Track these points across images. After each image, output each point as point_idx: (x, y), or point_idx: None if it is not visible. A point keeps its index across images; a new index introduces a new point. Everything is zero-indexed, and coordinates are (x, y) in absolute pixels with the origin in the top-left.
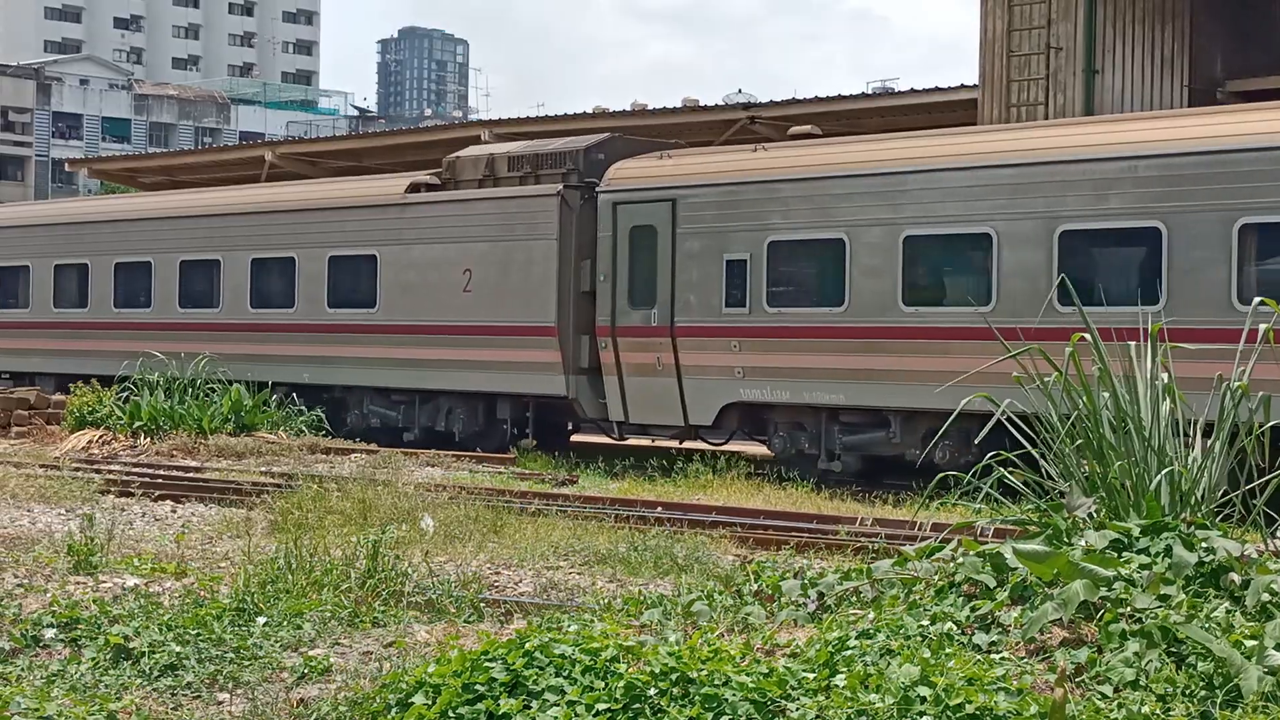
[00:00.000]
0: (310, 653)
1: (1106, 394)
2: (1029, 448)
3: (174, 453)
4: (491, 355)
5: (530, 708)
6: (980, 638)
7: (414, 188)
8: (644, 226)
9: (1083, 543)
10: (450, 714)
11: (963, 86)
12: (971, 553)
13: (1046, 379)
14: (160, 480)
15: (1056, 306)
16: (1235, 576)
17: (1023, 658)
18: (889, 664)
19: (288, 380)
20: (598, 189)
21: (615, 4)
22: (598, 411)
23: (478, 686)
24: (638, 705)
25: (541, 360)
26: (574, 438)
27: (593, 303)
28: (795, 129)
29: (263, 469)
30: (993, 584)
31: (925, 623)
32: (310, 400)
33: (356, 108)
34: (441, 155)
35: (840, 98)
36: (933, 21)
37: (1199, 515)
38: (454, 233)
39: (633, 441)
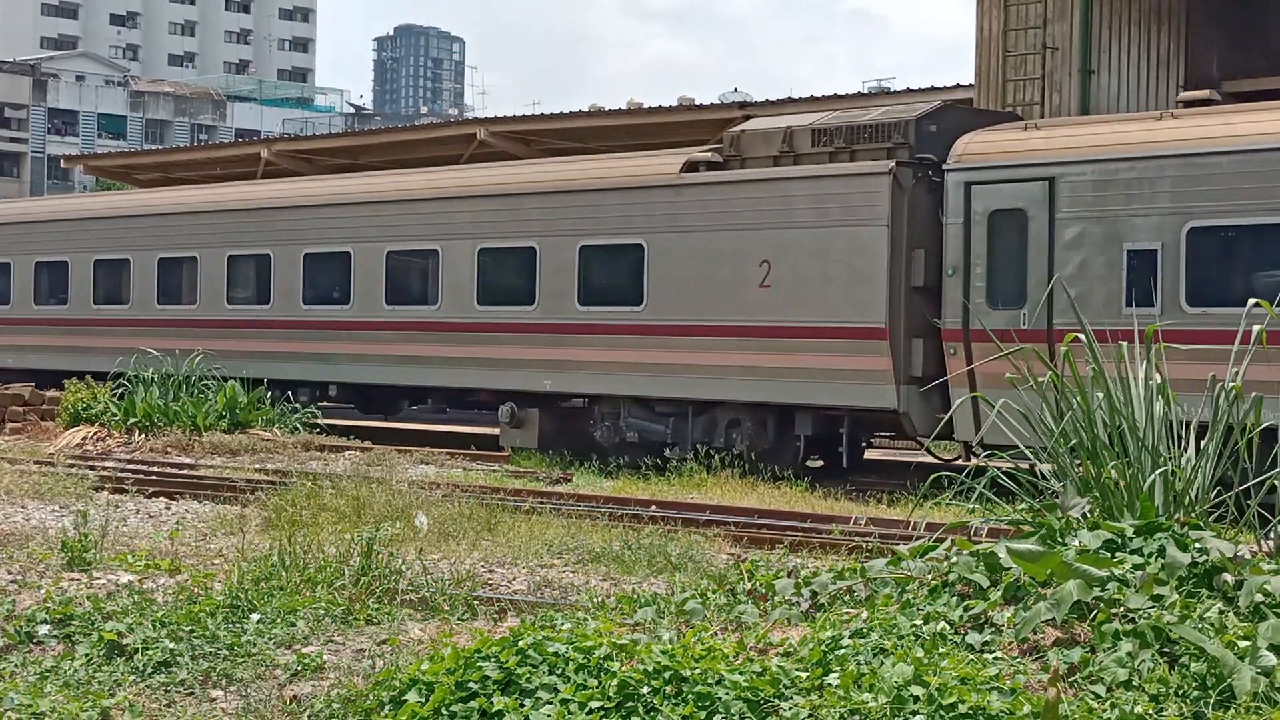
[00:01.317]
0: (304, 650)
1: (1101, 395)
2: None
3: (168, 449)
4: (794, 361)
5: (523, 706)
6: (974, 637)
7: (691, 166)
8: (1008, 211)
9: (1076, 543)
10: (444, 712)
11: (959, 86)
12: (965, 552)
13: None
14: (154, 477)
15: None
16: (1228, 577)
17: (1016, 657)
18: (882, 663)
19: (526, 389)
20: (945, 166)
21: (616, 2)
22: (931, 428)
23: (471, 684)
24: (631, 704)
25: (864, 368)
26: (868, 454)
27: (926, 300)
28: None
29: (257, 466)
30: (986, 584)
31: (919, 622)
32: (549, 410)
33: (352, 105)
34: (438, 153)
35: (836, 97)
36: (931, 22)
37: (1192, 516)
38: (747, 218)
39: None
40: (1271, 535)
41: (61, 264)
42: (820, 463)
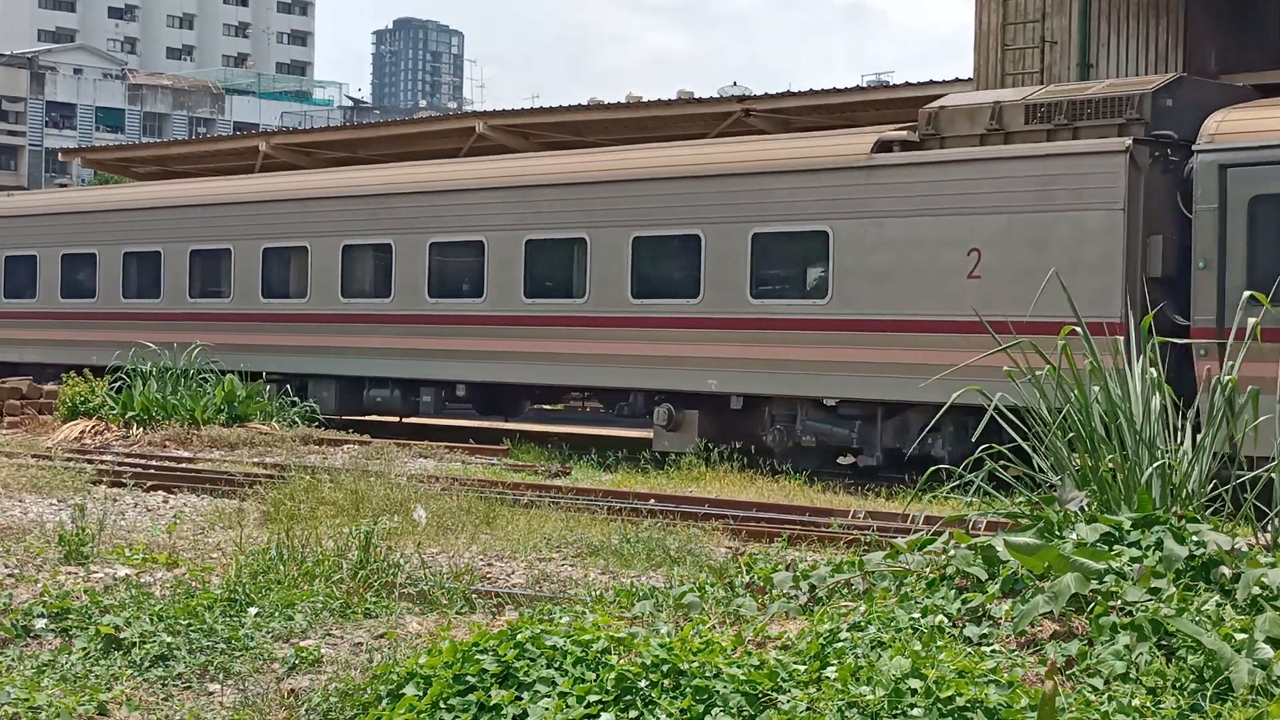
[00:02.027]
0: (301, 644)
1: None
2: None
3: (166, 443)
4: (1007, 359)
5: (521, 699)
6: (971, 630)
7: (884, 146)
8: (1273, 197)
9: (1074, 536)
10: (441, 705)
11: (957, 80)
12: (963, 545)
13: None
14: (152, 471)
15: None
16: (1226, 570)
17: (1013, 650)
18: (880, 656)
19: (685, 388)
20: (1196, 147)
21: None
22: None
23: (469, 678)
24: (629, 697)
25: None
26: None
27: (1163, 293)
28: None
29: (255, 460)
30: (984, 577)
31: (916, 615)
32: (710, 411)
33: (351, 99)
34: (438, 146)
35: (834, 90)
36: (929, 16)
37: (1190, 509)
38: (952, 203)
39: (630, 433)
40: (1269, 528)
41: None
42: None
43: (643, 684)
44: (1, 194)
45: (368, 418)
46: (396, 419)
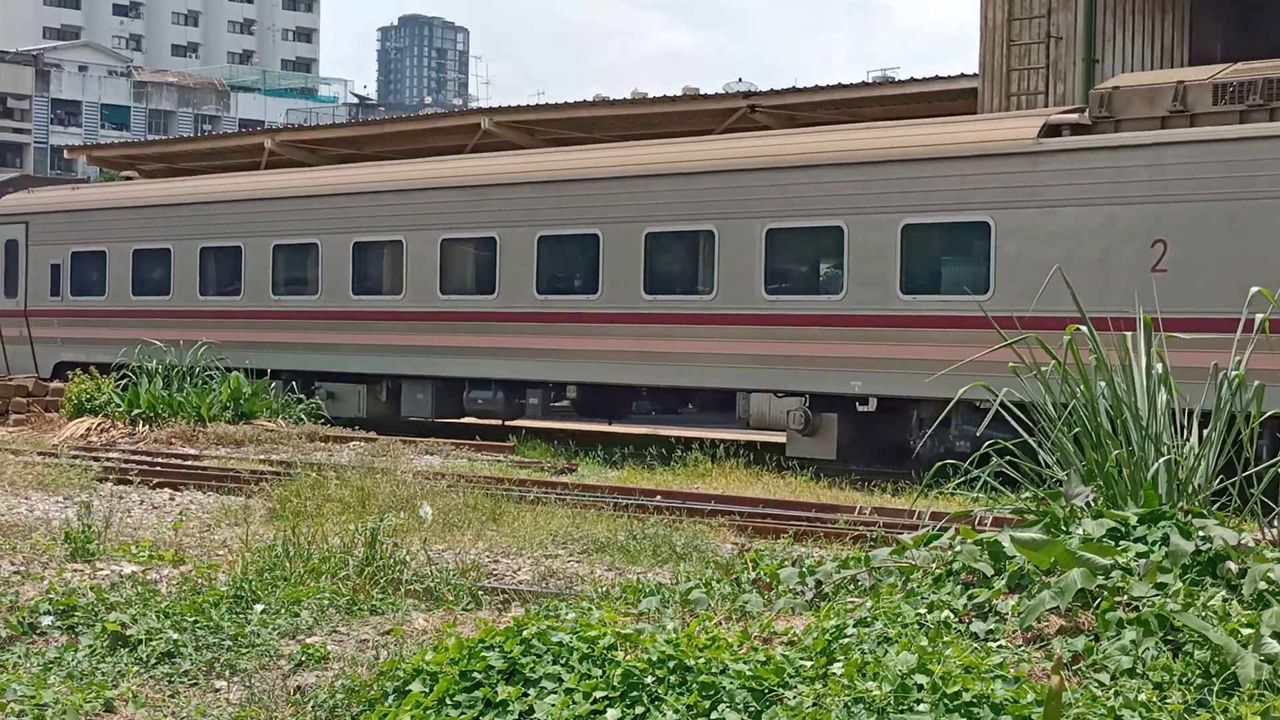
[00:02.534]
0: (308, 640)
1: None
2: None
3: (172, 440)
4: (1202, 359)
5: (527, 695)
6: (977, 626)
7: (1052, 130)
8: None
9: (1080, 531)
10: (447, 702)
11: (963, 76)
12: (969, 541)
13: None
14: (158, 468)
15: None
16: (1232, 565)
17: (1020, 646)
18: (886, 652)
19: (824, 389)
20: None
21: None
22: None
23: (475, 674)
24: (635, 693)
25: None
26: None
27: None
28: None
29: (261, 457)
30: (990, 572)
31: (923, 611)
32: (850, 415)
33: (356, 95)
34: (443, 143)
35: (840, 86)
36: (934, 12)
37: (1196, 504)
38: (1133, 190)
39: (632, 430)
40: (1275, 523)
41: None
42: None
43: (649, 680)
44: (65, 187)
45: (466, 420)
46: (499, 423)
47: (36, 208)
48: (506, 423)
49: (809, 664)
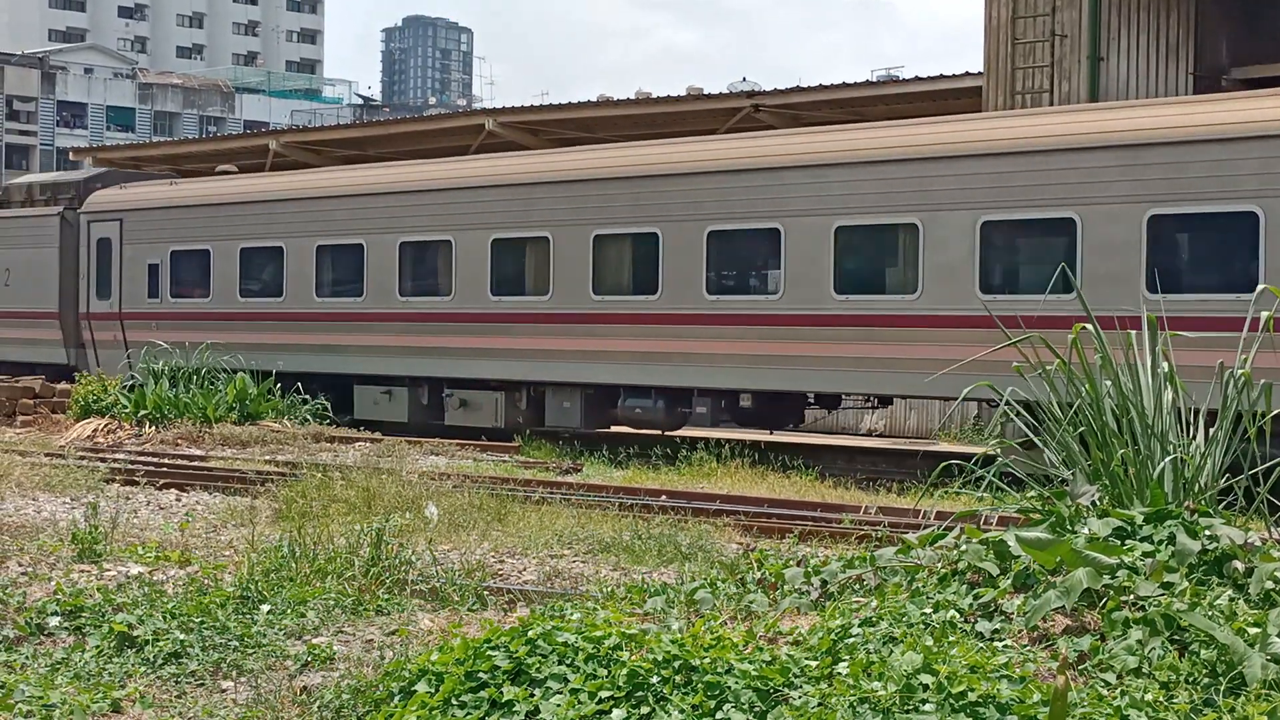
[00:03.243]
0: (314, 641)
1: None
2: None
3: (178, 441)
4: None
5: (533, 695)
6: (983, 626)
7: None
8: None
9: (1086, 530)
10: (453, 702)
11: (967, 74)
12: (975, 540)
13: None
14: (165, 469)
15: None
16: (1239, 564)
17: (1026, 646)
18: (892, 652)
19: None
20: None
21: None
22: None
23: (481, 674)
24: (640, 693)
25: None
26: None
27: None
28: None
29: (267, 458)
30: (996, 572)
31: (928, 610)
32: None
33: (361, 96)
34: (446, 144)
35: (845, 85)
36: (938, 9)
37: (1202, 503)
38: None
39: (634, 430)
40: None
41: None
42: None
43: (654, 680)
44: (162, 182)
45: (621, 429)
46: (659, 433)
47: (131, 204)
48: (666, 433)
49: (814, 664)
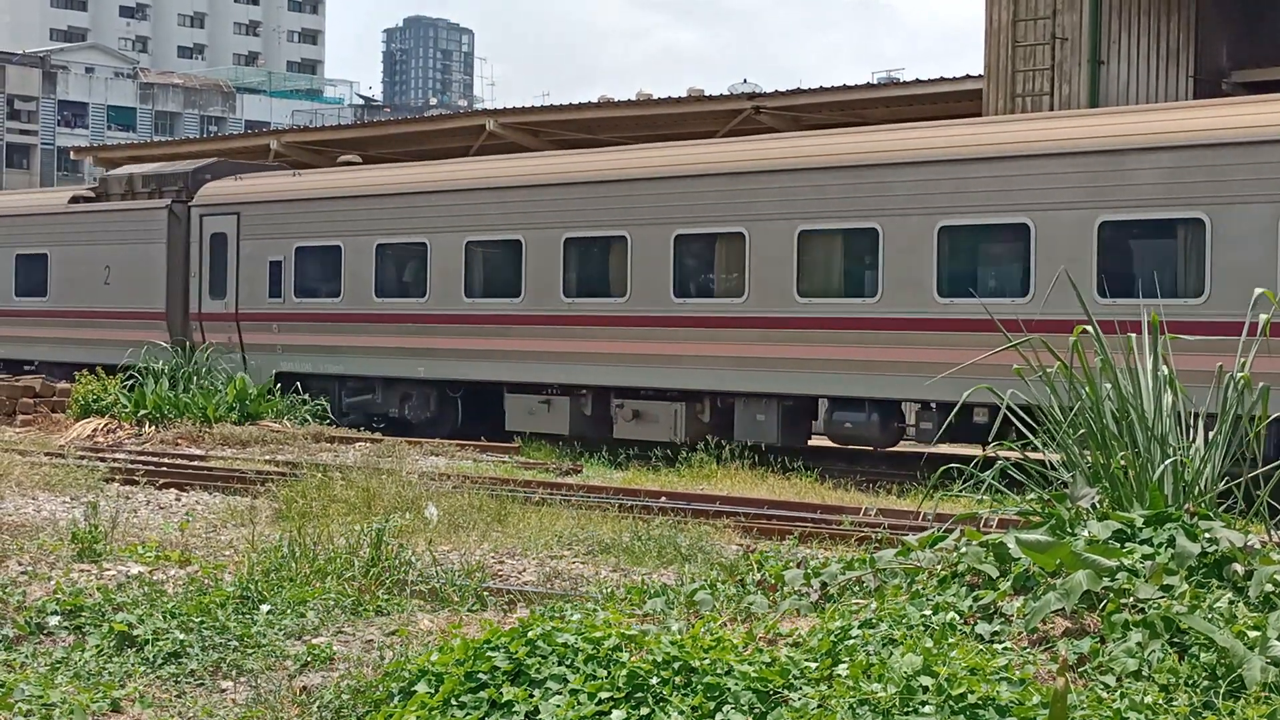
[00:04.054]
0: (313, 641)
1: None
2: None
3: (178, 441)
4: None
5: (533, 696)
6: (983, 628)
7: None
8: None
9: (1085, 533)
10: (453, 702)
11: (968, 77)
12: (974, 543)
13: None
14: (165, 468)
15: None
16: (1238, 567)
17: (1025, 648)
18: (891, 653)
19: None
20: None
21: None
22: None
23: (480, 675)
24: (640, 694)
25: None
26: None
27: None
28: None
29: (267, 458)
30: (995, 574)
31: (928, 612)
32: None
33: (362, 97)
34: (447, 144)
35: (845, 87)
36: (939, 11)
37: (1202, 506)
38: None
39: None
40: None
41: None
42: None
43: (654, 681)
44: (284, 172)
45: (822, 443)
46: (871, 450)
47: (250, 196)
48: (878, 450)
49: (814, 665)
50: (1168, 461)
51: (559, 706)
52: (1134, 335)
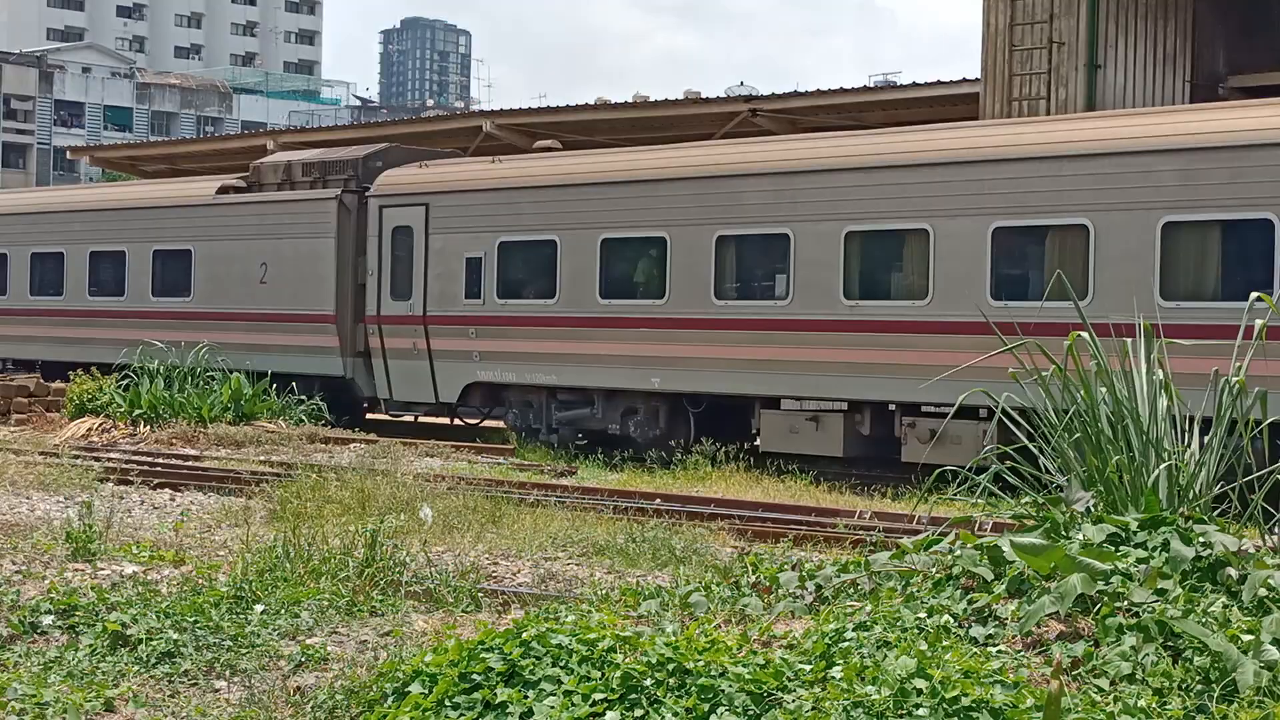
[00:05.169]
0: (307, 641)
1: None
2: None
3: (173, 441)
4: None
5: (527, 697)
6: (977, 630)
7: None
8: None
9: (1080, 536)
10: (447, 703)
11: (965, 80)
12: (969, 546)
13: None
14: (159, 468)
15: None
16: (1232, 571)
17: (1019, 651)
18: (885, 656)
19: None
20: None
21: None
22: None
23: (474, 676)
24: (634, 695)
25: None
26: None
27: None
28: None
29: (262, 458)
30: (990, 577)
31: (922, 615)
32: None
33: (358, 98)
34: (444, 146)
35: (842, 90)
36: (937, 15)
37: (1196, 510)
38: None
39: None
40: (1276, 530)
41: (776, 240)
42: None
43: (648, 683)
44: (481, 160)
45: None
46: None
47: (440, 186)
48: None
49: (808, 668)
50: (1163, 466)
51: (553, 708)
52: (1129, 340)
